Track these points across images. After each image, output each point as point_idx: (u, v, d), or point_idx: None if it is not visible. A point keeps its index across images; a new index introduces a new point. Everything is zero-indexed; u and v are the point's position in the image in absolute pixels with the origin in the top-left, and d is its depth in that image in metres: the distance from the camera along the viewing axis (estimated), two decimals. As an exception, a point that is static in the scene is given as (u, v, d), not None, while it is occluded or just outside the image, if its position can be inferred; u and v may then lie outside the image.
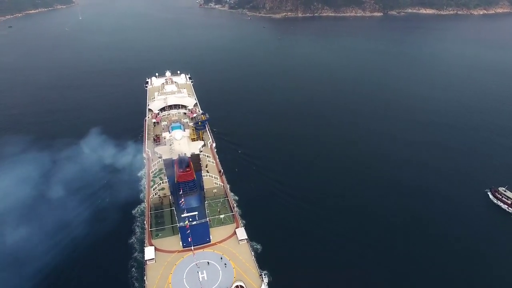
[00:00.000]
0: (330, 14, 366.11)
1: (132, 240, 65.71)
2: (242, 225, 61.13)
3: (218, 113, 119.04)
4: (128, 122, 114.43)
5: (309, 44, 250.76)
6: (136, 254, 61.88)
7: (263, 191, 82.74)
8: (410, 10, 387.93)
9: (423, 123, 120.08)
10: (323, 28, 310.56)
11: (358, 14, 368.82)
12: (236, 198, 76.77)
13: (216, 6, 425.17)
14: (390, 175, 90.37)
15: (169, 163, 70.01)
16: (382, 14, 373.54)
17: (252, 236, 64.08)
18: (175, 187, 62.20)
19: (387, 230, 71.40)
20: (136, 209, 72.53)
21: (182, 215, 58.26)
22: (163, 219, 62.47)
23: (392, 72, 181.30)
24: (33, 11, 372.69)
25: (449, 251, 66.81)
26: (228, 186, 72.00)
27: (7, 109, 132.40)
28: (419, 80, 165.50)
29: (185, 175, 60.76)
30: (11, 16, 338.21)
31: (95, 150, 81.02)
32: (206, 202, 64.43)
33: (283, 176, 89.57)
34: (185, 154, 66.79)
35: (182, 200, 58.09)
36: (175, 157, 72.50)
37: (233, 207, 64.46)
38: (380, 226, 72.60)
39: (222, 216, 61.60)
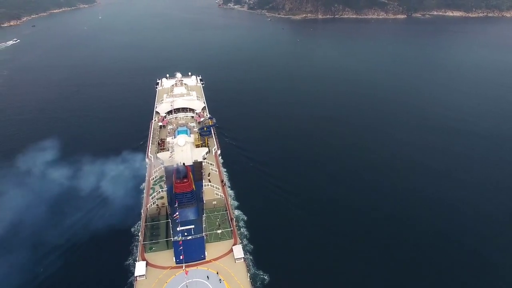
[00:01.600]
0: (351, 16, 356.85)
1: (128, 262, 59.14)
2: (240, 242, 57.19)
3: (229, 118, 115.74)
4: (136, 124, 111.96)
5: (329, 47, 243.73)
6: (132, 278, 54.99)
7: (276, 209, 75.12)
8: (435, 13, 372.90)
9: (452, 132, 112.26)
10: (344, 30, 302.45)
11: (380, 17, 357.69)
12: (245, 217, 70.74)
13: (235, 6, 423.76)
14: (415, 186, 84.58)
15: (170, 171, 67.09)
16: (405, 16, 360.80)
17: (257, 262, 59.60)
18: (173, 198, 59.12)
19: (412, 249, 66.34)
20: (135, 226, 66.77)
21: (178, 228, 55.06)
22: (158, 231, 59.42)
23: (417, 77, 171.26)
24: (57, 11, 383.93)
25: (475, 272, 61.52)
26: (229, 198, 68.41)
27: (24, 112, 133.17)
28: (448, 87, 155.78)
29: (182, 186, 57.55)
30: (36, 16, 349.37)
31: (94, 159, 77.88)
32: (205, 214, 60.86)
33: (299, 190, 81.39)
34: (183, 163, 63.25)
35: (177, 213, 54.70)
36: (180, 163, 69.79)
37: (233, 222, 60.61)
38: (404, 243, 67.43)
39: (219, 231, 57.79)
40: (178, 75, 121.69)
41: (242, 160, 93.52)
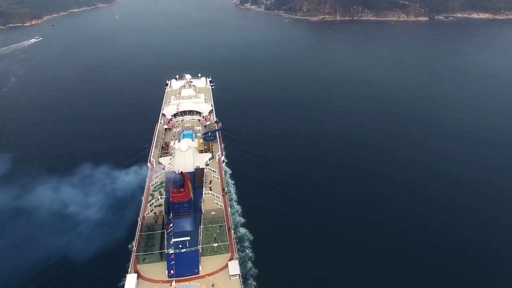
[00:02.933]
0: (371, 18, 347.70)
1: (122, 283, 52.35)
2: (237, 257, 54.02)
3: (240, 123, 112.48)
4: (145, 126, 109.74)
5: (346, 50, 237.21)
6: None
7: (288, 228, 67.67)
8: (460, 15, 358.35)
9: (472, 139, 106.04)
10: (362, 33, 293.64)
11: (401, 19, 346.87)
12: (251, 237, 64.63)
13: (252, 6, 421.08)
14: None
15: (169, 178, 64.69)
16: (427, 18, 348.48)
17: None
18: (170, 207, 56.67)
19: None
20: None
21: (173, 240, 52.66)
22: (153, 241, 57.02)
23: (439, 81, 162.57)
24: (77, 10, 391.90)
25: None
26: (229, 208, 65.22)
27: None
28: (477, 95, 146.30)
29: (178, 196, 55.00)
30: (57, 15, 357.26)
31: (96, 163, 75.94)
32: (202, 226, 58.09)
33: (318, 205, 73.74)
34: (180, 172, 60.64)
35: (170, 226, 52.13)
36: (178, 171, 67.58)
37: (231, 234, 57.41)
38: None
39: (216, 244, 54.87)
40: (188, 76, 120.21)
41: (252, 169, 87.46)
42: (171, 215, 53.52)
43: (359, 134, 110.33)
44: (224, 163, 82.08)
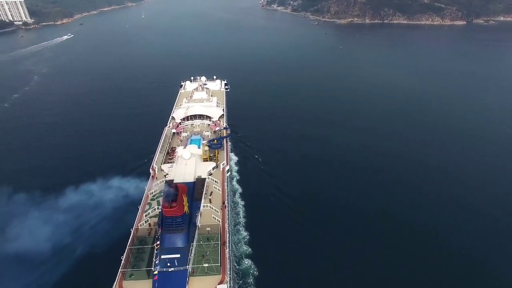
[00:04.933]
0: (402, 22, 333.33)
1: None
2: (228, 280, 49.45)
3: (253, 129, 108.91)
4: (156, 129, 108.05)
5: (374, 57, 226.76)
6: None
7: (302, 265, 59.84)
8: (502, 18, 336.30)
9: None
10: (393, 38, 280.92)
11: (435, 22, 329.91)
12: (256, 272, 58.37)
13: (279, 8, 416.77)
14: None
15: (163, 190, 61.13)
16: (465, 22, 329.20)
17: None
18: (163, 220, 53.01)
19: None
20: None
21: (161, 256, 48.94)
22: (143, 256, 53.45)
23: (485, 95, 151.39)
24: (106, 9, 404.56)
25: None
26: (227, 225, 60.73)
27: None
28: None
29: (170, 210, 51.17)
30: (87, 13, 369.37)
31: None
32: (195, 243, 53.98)
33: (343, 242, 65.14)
34: (175, 184, 56.80)
35: (157, 242, 48.40)
36: (178, 180, 64.27)
37: (224, 254, 52.92)
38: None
39: (206, 265, 50.57)
40: (203, 78, 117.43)
41: (266, 185, 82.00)
42: (159, 230, 49.81)
43: (391, 144, 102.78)
44: (235, 180, 78.05)
